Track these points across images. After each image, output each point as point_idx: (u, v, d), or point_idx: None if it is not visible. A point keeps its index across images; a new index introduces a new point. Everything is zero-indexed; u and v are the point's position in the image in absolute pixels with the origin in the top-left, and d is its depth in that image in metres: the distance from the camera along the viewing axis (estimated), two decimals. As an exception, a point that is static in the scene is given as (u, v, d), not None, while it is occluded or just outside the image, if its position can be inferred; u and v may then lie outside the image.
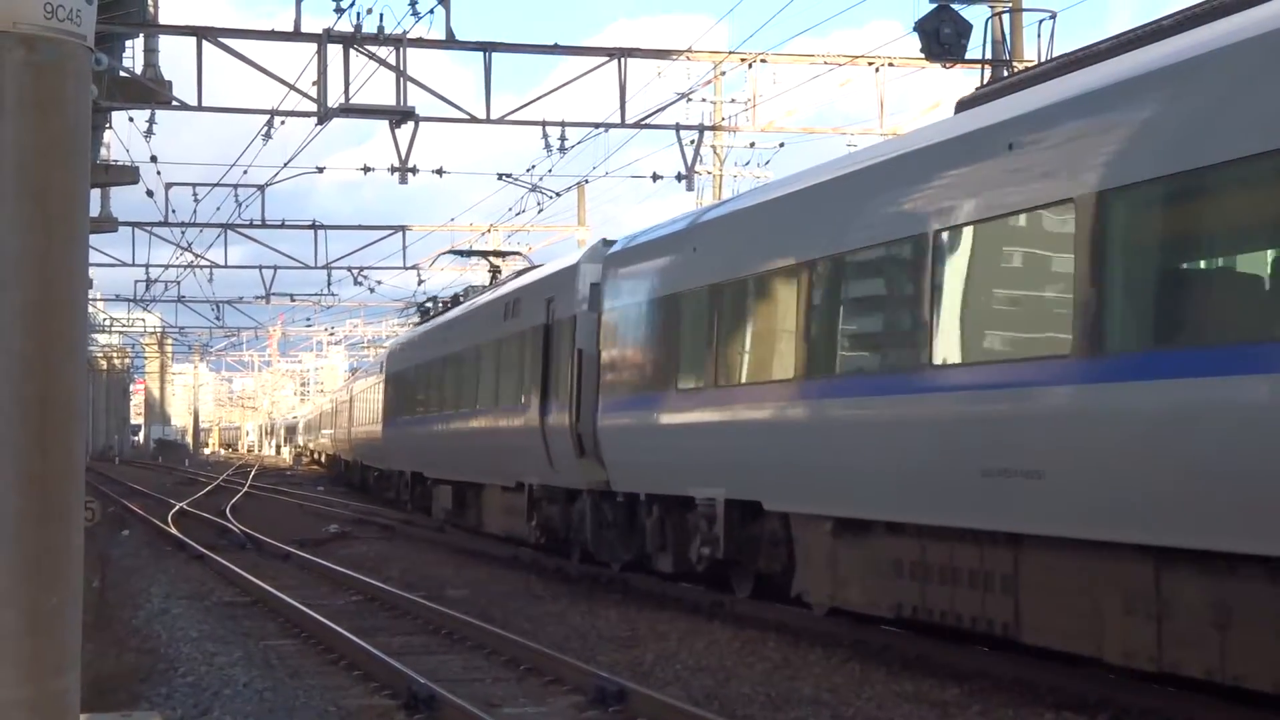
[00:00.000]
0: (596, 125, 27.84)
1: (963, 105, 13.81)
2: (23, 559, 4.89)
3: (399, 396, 38.14)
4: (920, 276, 12.78)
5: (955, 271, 12.55)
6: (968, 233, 12.37)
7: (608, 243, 21.15)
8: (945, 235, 12.54)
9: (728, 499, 16.43)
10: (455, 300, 36.53)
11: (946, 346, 12.53)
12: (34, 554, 4.91)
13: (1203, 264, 10.73)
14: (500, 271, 37.05)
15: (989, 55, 24.83)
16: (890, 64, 27.11)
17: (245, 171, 38.24)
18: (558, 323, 22.02)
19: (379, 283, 54.10)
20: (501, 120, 26.76)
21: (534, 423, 22.53)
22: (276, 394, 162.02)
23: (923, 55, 24.14)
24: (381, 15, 24.57)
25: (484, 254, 39.55)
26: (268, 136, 28.33)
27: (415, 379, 35.39)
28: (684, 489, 17.34)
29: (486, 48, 25.47)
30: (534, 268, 27.34)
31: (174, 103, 27.53)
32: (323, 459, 79.24)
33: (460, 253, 43.26)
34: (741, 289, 16.31)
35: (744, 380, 16.20)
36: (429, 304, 41.77)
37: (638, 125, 27.42)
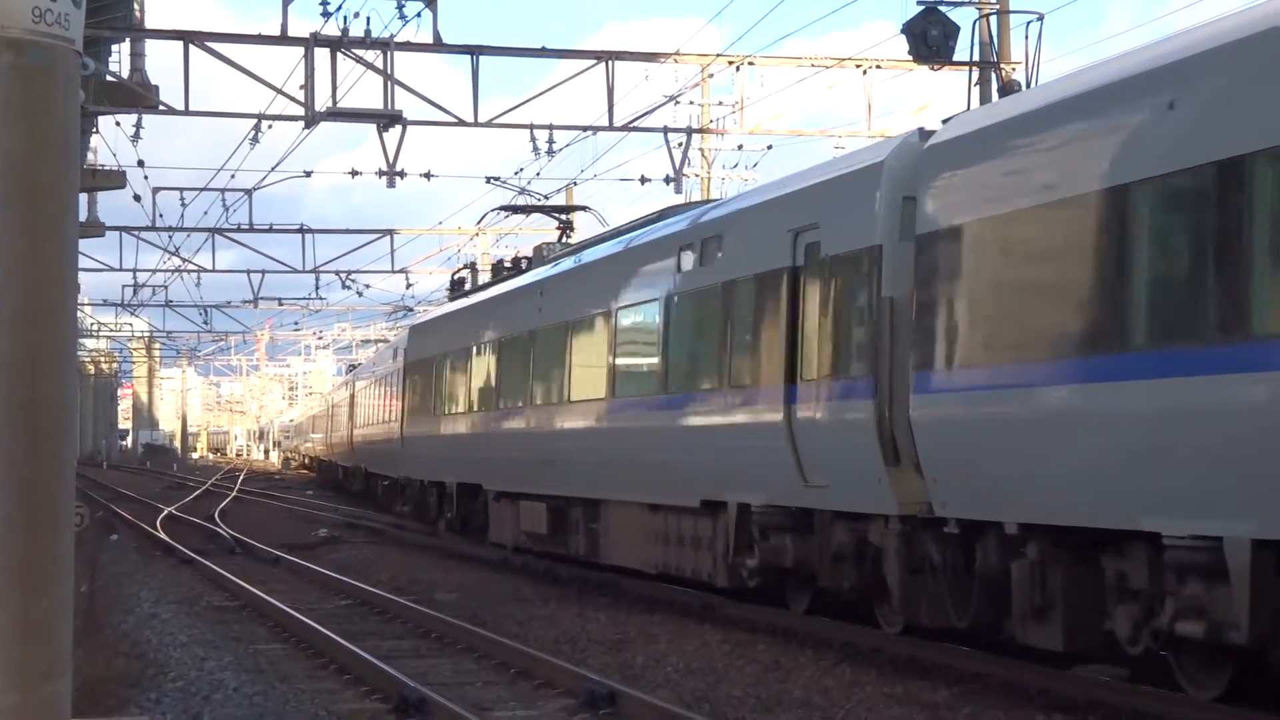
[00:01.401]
0: (585, 128, 27.89)
1: None
2: (13, 564, 4.89)
3: (434, 389, 31.27)
4: None
5: None
6: None
7: (925, 133, 14.26)
8: None
9: (1259, 540, 9.78)
10: (513, 265, 30.11)
11: None
12: (24, 559, 4.90)
13: None
14: (572, 227, 31.38)
15: (976, 57, 24.92)
16: (878, 66, 27.18)
17: (233, 176, 38.06)
18: (826, 261, 15.20)
19: (367, 286, 54.26)
20: (490, 123, 26.80)
21: (770, 415, 16.03)
22: (265, 398, 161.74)
23: (910, 57, 24.25)
24: (369, 19, 24.56)
25: (545, 209, 33.45)
26: (255, 140, 28.33)
27: (468, 366, 28.38)
28: (1133, 518, 10.79)
29: (474, 51, 25.49)
30: (678, 207, 21.44)
31: (161, 107, 27.55)
32: (313, 464, 78.81)
33: (517, 209, 35.39)
34: None
35: None
36: (464, 273, 35.77)
37: (626, 128, 27.50)
